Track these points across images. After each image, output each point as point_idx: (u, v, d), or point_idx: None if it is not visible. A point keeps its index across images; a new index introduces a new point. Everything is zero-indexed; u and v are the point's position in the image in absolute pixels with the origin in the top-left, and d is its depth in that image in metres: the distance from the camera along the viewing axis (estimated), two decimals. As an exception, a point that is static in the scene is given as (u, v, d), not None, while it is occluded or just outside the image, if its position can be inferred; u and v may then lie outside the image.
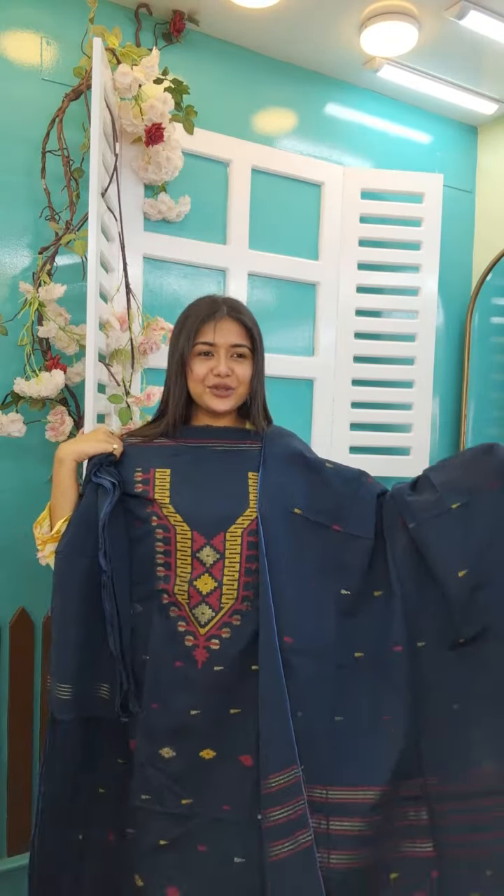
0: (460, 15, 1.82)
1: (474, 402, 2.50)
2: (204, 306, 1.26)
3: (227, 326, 1.24)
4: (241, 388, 1.27)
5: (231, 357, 1.25)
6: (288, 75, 2.13)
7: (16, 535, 1.80)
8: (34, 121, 1.74)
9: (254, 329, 1.28)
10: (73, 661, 1.17)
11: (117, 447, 1.25)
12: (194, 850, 1.14)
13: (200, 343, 1.24)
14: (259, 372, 1.29)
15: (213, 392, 1.25)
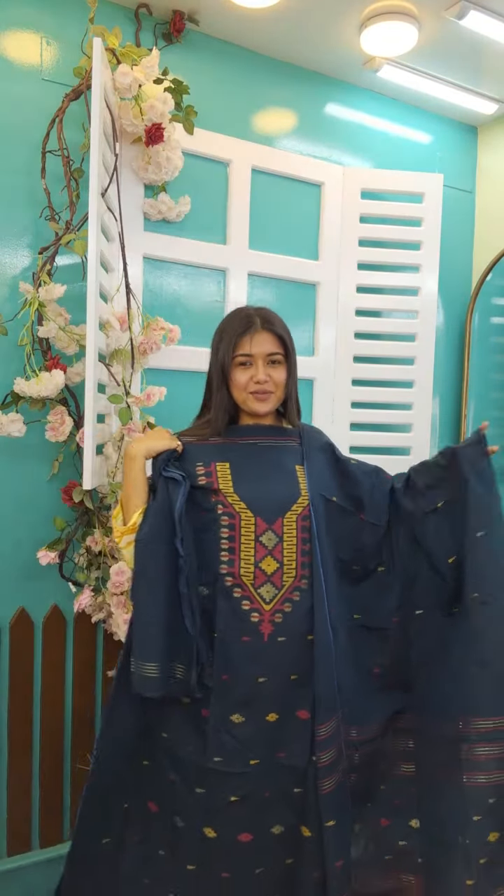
0: (460, 15, 1.82)
1: (474, 402, 2.50)
2: (239, 321, 1.41)
3: (261, 338, 1.40)
4: (278, 390, 1.43)
5: (267, 364, 1.40)
6: (288, 75, 2.13)
7: (16, 535, 1.80)
8: (34, 121, 1.74)
9: (285, 337, 1.42)
10: (160, 640, 1.29)
11: (180, 445, 1.39)
12: (262, 798, 1.36)
13: (239, 355, 1.40)
14: (293, 375, 1.45)
15: (255, 397, 1.41)
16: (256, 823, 1.36)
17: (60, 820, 1.89)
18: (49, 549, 1.72)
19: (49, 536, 1.77)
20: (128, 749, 1.41)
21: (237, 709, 1.34)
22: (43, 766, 1.86)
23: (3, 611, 1.80)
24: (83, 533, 1.77)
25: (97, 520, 1.73)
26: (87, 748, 1.91)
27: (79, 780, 1.90)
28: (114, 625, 1.73)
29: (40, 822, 1.86)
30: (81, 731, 1.91)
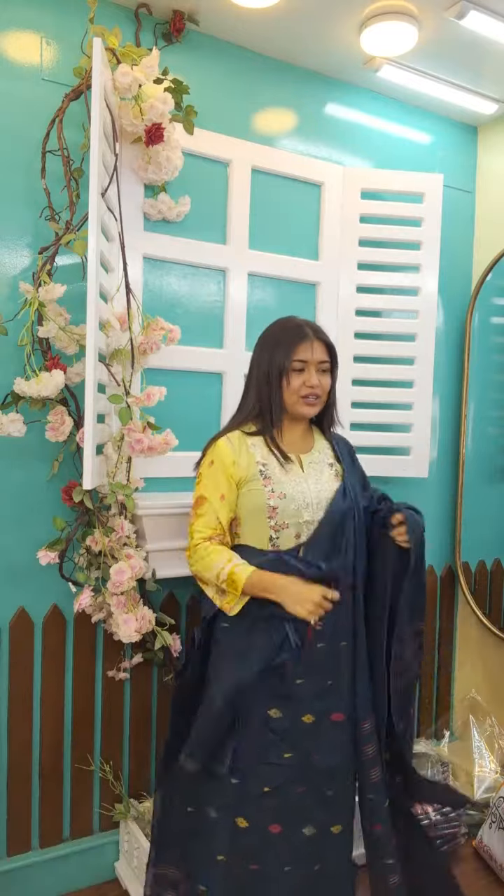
0: (460, 15, 1.82)
1: (474, 402, 2.50)
2: (295, 329, 1.53)
3: (317, 346, 1.52)
4: (324, 396, 1.56)
5: (318, 372, 1.52)
6: (288, 75, 2.13)
7: (16, 535, 1.80)
8: (34, 121, 1.74)
9: (334, 348, 1.56)
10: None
11: (318, 624, 1.45)
12: (294, 794, 1.46)
13: (297, 360, 1.50)
14: (335, 383, 1.59)
15: (305, 401, 1.53)
16: (287, 817, 1.45)
17: (60, 820, 1.89)
18: (49, 549, 1.72)
19: (49, 536, 1.77)
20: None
21: (275, 703, 1.45)
22: (43, 766, 1.86)
23: (3, 611, 1.80)
24: (83, 533, 1.77)
25: (97, 520, 1.73)
26: (87, 748, 1.92)
27: (79, 780, 1.91)
28: (114, 625, 1.73)
29: (40, 822, 1.86)
30: (81, 731, 1.91)
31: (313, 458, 1.58)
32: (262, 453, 1.52)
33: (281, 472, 1.51)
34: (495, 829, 2.02)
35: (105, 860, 1.94)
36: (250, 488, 1.49)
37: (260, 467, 1.50)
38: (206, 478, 1.51)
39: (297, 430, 1.59)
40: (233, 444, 1.52)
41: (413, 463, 2.33)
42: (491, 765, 2.32)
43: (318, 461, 1.58)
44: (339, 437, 1.70)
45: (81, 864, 1.90)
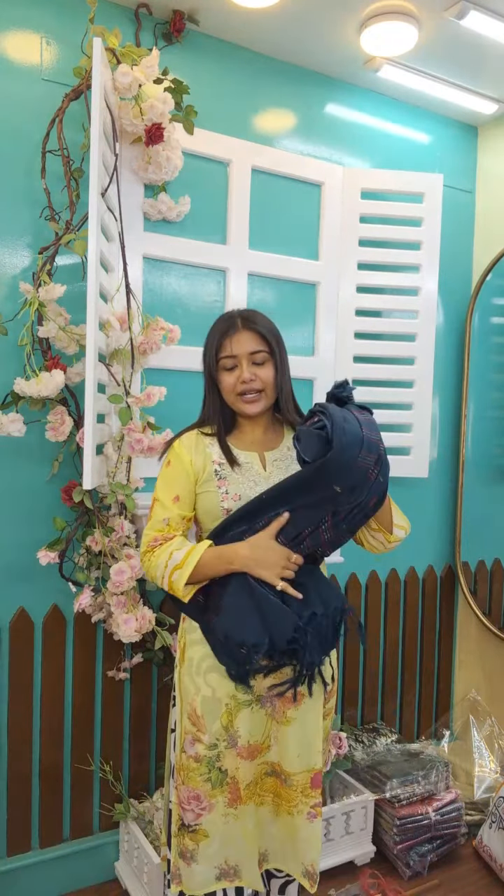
0: (460, 15, 1.82)
1: (474, 402, 2.50)
2: (222, 323, 1.43)
3: (243, 337, 1.40)
4: (268, 389, 1.42)
5: (252, 364, 1.40)
6: (288, 75, 2.13)
7: (16, 535, 1.80)
8: (34, 121, 1.74)
9: (268, 334, 1.42)
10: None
11: (285, 586, 1.32)
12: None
13: (223, 358, 1.40)
14: (282, 372, 1.44)
15: (244, 399, 1.42)
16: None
17: (60, 820, 1.89)
18: (49, 549, 1.72)
19: (49, 536, 1.77)
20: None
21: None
22: (43, 766, 1.86)
23: (3, 611, 1.80)
24: (83, 533, 1.77)
25: (97, 520, 1.73)
26: (87, 748, 1.92)
27: (79, 780, 1.91)
28: (114, 625, 1.73)
29: (40, 822, 1.86)
30: (81, 731, 1.91)
31: (279, 455, 1.46)
32: (218, 453, 1.44)
33: (238, 472, 1.42)
34: (495, 829, 2.02)
35: (105, 860, 1.94)
36: (205, 489, 1.42)
37: (216, 467, 1.42)
38: (161, 479, 1.45)
39: (258, 427, 1.48)
40: (189, 443, 1.45)
41: (413, 463, 2.33)
42: (491, 765, 2.32)
43: (286, 457, 1.46)
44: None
45: (81, 864, 1.90)
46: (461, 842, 2.11)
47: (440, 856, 2.05)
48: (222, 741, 1.38)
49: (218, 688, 1.37)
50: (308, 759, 1.41)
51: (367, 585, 2.39)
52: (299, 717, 1.40)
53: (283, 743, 1.40)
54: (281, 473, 1.42)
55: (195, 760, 1.39)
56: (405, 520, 1.49)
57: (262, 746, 1.40)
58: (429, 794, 2.06)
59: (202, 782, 1.39)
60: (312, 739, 1.42)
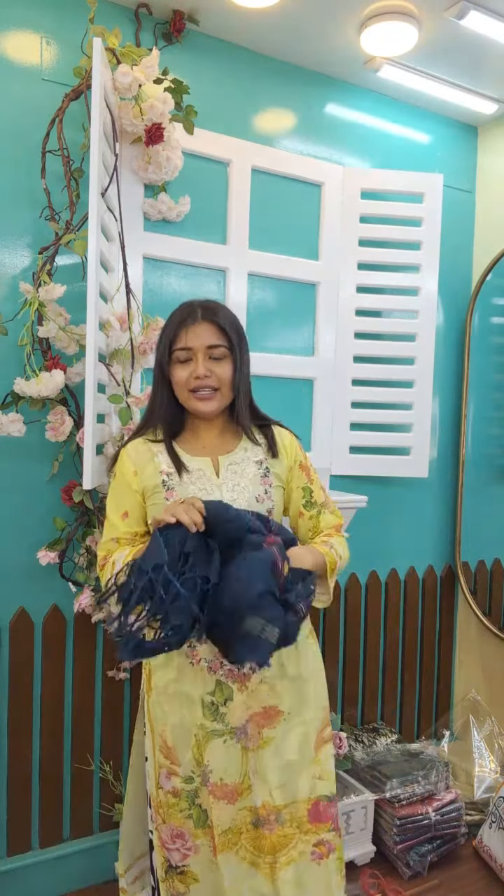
0: (460, 15, 1.82)
1: (474, 402, 2.50)
2: (178, 313, 1.31)
3: (201, 329, 1.28)
4: (223, 388, 1.30)
5: (208, 359, 1.28)
6: (288, 75, 2.13)
7: (16, 535, 1.80)
8: (34, 121, 1.74)
9: (229, 328, 1.29)
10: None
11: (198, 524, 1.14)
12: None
13: (178, 349, 1.28)
14: (241, 371, 1.32)
15: (195, 396, 1.29)
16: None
17: (60, 820, 1.89)
18: (49, 549, 1.72)
19: (49, 536, 1.77)
20: None
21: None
22: (43, 766, 1.86)
23: (3, 611, 1.80)
24: (83, 533, 1.77)
25: (97, 520, 1.73)
26: (87, 748, 1.91)
27: (79, 780, 1.90)
28: (114, 625, 1.73)
29: (40, 822, 1.86)
30: (81, 731, 1.91)
31: (235, 459, 1.34)
32: (166, 461, 1.31)
33: (187, 481, 1.29)
34: (495, 829, 2.02)
35: (105, 860, 1.94)
36: (153, 502, 1.30)
37: (163, 477, 1.29)
38: (110, 493, 1.36)
39: (212, 429, 1.36)
40: (134, 453, 1.33)
41: (413, 463, 2.33)
42: (491, 765, 2.32)
43: (242, 460, 1.34)
44: (285, 433, 1.43)
45: (81, 864, 1.90)
46: (461, 842, 2.11)
47: (440, 856, 2.05)
48: (196, 776, 1.27)
49: (186, 715, 1.28)
50: (294, 788, 1.27)
51: (368, 585, 2.39)
52: (278, 738, 1.28)
53: (262, 773, 1.26)
54: (236, 479, 1.31)
55: (174, 795, 1.29)
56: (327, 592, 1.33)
57: (240, 788, 1.27)
58: (429, 794, 2.06)
59: (184, 819, 1.28)
60: (298, 764, 1.28)
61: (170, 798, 1.29)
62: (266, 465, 1.36)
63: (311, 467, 1.45)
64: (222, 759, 1.26)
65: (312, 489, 1.42)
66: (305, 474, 1.42)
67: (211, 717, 1.26)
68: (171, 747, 1.29)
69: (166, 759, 1.30)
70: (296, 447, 1.43)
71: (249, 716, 1.28)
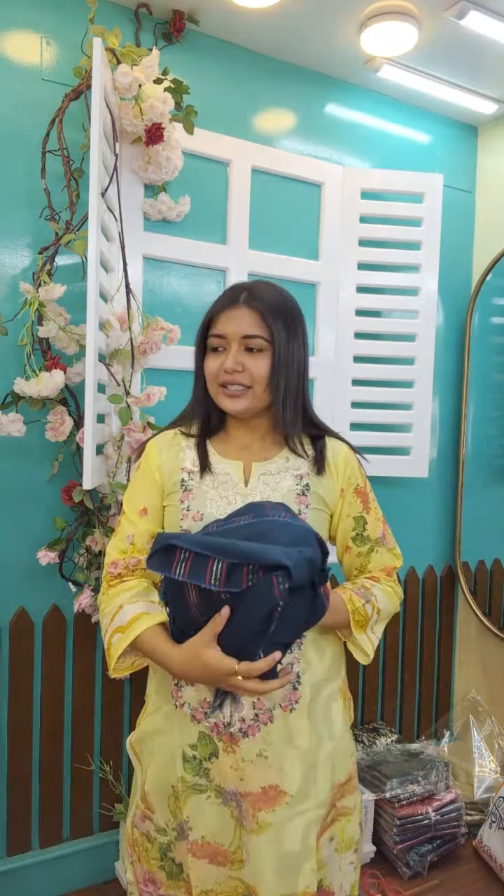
0: (460, 15, 1.82)
1: (474, 402, 2.50)
2: (224, 295, 1.15)
3: (238, 315, 1.11)
4: (257, 386, 1.12)
5: (243, 350, 1.11)
6: (288, 75, 2.13)
7: (16, 535, 1.80)
8: (34, 121, 1.74)
9: (274, 317, 1.11)
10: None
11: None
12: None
13: (212, 335, 1.14)
14: (283, 368, 1.12)
15: (224, 392, 1.13)
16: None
17: (60, 820, 1.89)
18: (49, 549, 1.72)
19: (49, 536, 1.77)
20: None
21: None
22: (43, 766, 1.86)
23: (3, 611, 1.80)
24: (83, 533, 1.77)
25: (97, 520, 1.73)
26: (87, 748, 1.91)
27: (79, 780, 1.90)
28: (114, 625, 1.73)
29: (40, 822, 1.86)
30: (81, 731, 1.91)
31: (271, 468, 1.16)
32: (192, 458, 1.16)
33: (208, 485, 1.13)
34: (495, 829, 2.02)
35: (105, 860, 1.94)
36: (168, 502, 1.16)
37: (184, 476, 1.14)
38: (130, 486, 1.21)
39: (254, 432, 1.19)
40: (162, 443, 1.20)
41: (413, 463, 2.33)
42: (491, 765, 2.32)
43: (279, 471, 1.15)
44: (341, 448, 1.23)
45: (81, 864, 1.90)
46: (461, 842, 2.11)
47: (440, 856, 2.05)
48: (171, 829, 1.13)
49: (168, 766, 1.13)
50: (294, 881, 1.06)
51: (367, 585, 2.39)
52: (277, 825, 1.06)
53: (256, 857, 1.07)
54: (266, 492, 1.13)
55: (147, 840, 1.16)
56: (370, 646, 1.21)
57: (229, 854, 1.10)
58: (429, 794, 2.06)
59: (157, 868, 1.16)
60: (300, 853, 1.07)
61: (144, 841, 1.17)
62: (307, 481, 1.16)
63: (370, 494, 1.24)
64: (208, 818, 1.10)
65: (367, 520, 1.22)
66: (361, 501, 1.22)
67: (192, 772, 1.10)
68: (148, 793, 1.16)
69: (142, 802, 1.17)
70: (354, 467, 1.23)
71: (242, 792, 1.08)
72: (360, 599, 1.15)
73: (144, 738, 1.19)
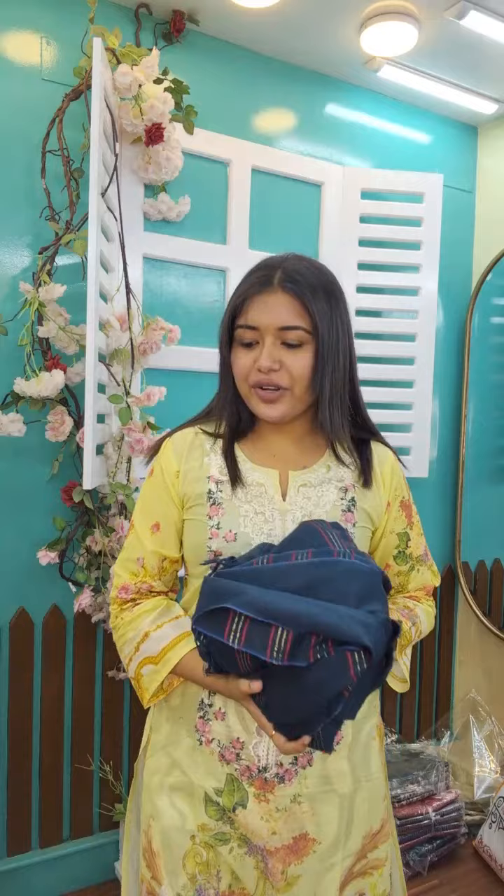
0: (460, 15, 1.82)
1: (474, 402, 2.50)
2: (253, 274, 0.96)
3: (274, 302, 0.92)
4: (297, 387, 0.95)
5: (281, 344, 0.94)
6: (288, 75, 2.13)
7: (16, 535, 1.80)
8: (34, 121, 1.74)
9: (318, 303, 0.93)
10: None
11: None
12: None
13: (241, 327, 0.95)
14: (326, 362, 0.96)
15: (258, 394, 0.95)
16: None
17: (60, 820, 1.89)
18: (49, 549, 1.72)
19: (49, 536, 1.77)
20: None
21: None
22: (43, 766, 1.86)
23: (3, 611, 1.80)
24: (83, 533, 1.77)
25: (97, 520, 1.73)
26: (87, 748, 1.92)
27: (79, 780, 1.90)
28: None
29: (40, 822, 1.86)
30: (81, 731, 1.91)
31: (311, 479, 1.01)
32: (219, 465, 1.00)
33: (241, 498, 0.97)
34: (495, 829, 2.02)
35: (105, 860, 1.94)
36: (192, 516, 0.99)
37: (210, 486, 0.98)
38: (141, 494, 1.05)
39: (286, 436, 1.03)
40: (182, 445, 1.02)
41: (413, 463, 2.33)
42: (491, 765, 2.32)
43: (320, 482, 1.00)
44: (388, 455, 1.08)
45: (81, 864, 1.90)
46: (461, 842, 2.11)
47: (440, 856, 2.05)
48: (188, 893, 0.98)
49: (185, 813, 0.97)
50: None
51: (367, 585, 2.39)
52: (306, 877, 0.96)
53: None
54: (308, 507, 0.97)
55: None
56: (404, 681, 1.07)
57: None
58: (429, 794, 2.06)
59: None
60: None
61: None
62: (353, 495, 1.01)
63: (413, 507, 1.11)
64: (231, 867, 0.97)
65: (410, 536, 1.09)
66: (406, 516, 1.09)
67: (216, 816, 0.96)
68: (156, 853, 0.98)
69: (148, 870, 1.00)
70: (400, 477, 1.08)
71: (270, 850, 0.95)
72: (406, 622, 1.04)
73: (155, 773, 1.02)
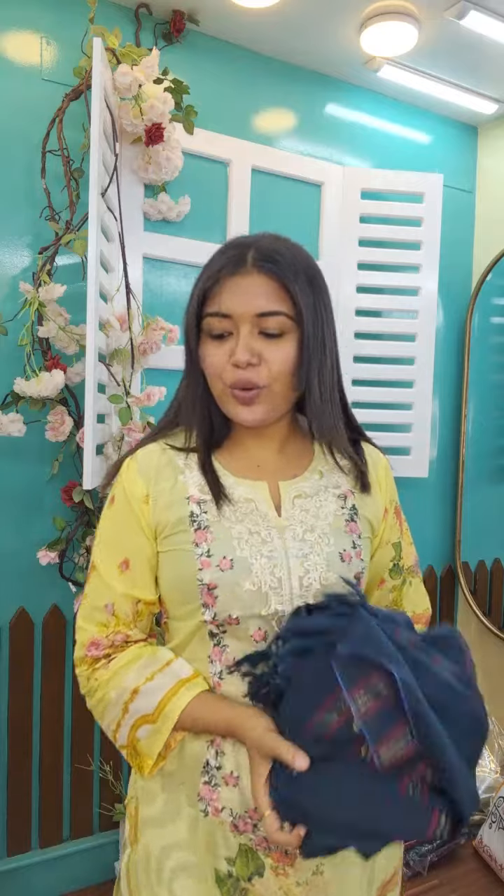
0: (460, 15, 1.82)
1: (474, 402, 2.50)
2: (221, 255, 0.82)
3: (248, 284, 0.79)
4: (277, 384, 0.81)
5: (259, 334, 0.80)
6: (288, 75, 2.13)
7: (16, 535, 1.80)
8: (34, 121, 1.74)
9: (300, 284, 0.79)
10: None
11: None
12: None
13: (211, 314, 0.81)
14: (313, 354, 0.81)
15: (234, 394, 0.81)
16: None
17: (60, 820, 1.89)
18: (49, 549, 1.72)
19: (49, 536, 1.77)
20: None
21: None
22: (43, 765, 1.86)
23: (3, 611, 1.80)
24: (83, 533, 1.77)
25: (97, 520, 1.73)
26: (87, 748, 1.92)
27: (79, 780, 1.91)
28: (114, 625, 1.73)
29: (40, 822, 1.86)
30: (81, 731, 1.91)
31: (305, 488, 0.87)
32: (198, 483, 0.85)
33: (230, 517, 0.82)
34: (495, 829, 2.02)
35: (105, 860, 1.94)
36: (171, 547, 0.83)
37: (192, 507, 0.83)
38: (101, 528, 0.88)
39: (268, 440, 0.89)
40: (148, 465, 0.86)
41: (413, 463, 2.33)
42: (491, 765, 2.32)
43: (316, 491, 0.87)
44: (380, 457, 0.99)
45: (81, 864, 1.90)
46: (461, 842, 2.11)
47: (440, 856, 2.05)
48: None
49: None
50: None
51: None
52: None
53: None
54: (308, 522, 0.84)
55: None
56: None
57: None
58: (429, 794, 2.06)
59: None
60: None
61: None
62: (353, 502, 0.90)
63: (402, 513, 1.03)
64: None
65: (402, 546, 0.99)
66: (398, 523, 0.99)
67: (230, 894, 0.82)
68: None
69: None
70: (391, 479, 1.00)
71: None
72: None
73: (150, 862, 0.85)
